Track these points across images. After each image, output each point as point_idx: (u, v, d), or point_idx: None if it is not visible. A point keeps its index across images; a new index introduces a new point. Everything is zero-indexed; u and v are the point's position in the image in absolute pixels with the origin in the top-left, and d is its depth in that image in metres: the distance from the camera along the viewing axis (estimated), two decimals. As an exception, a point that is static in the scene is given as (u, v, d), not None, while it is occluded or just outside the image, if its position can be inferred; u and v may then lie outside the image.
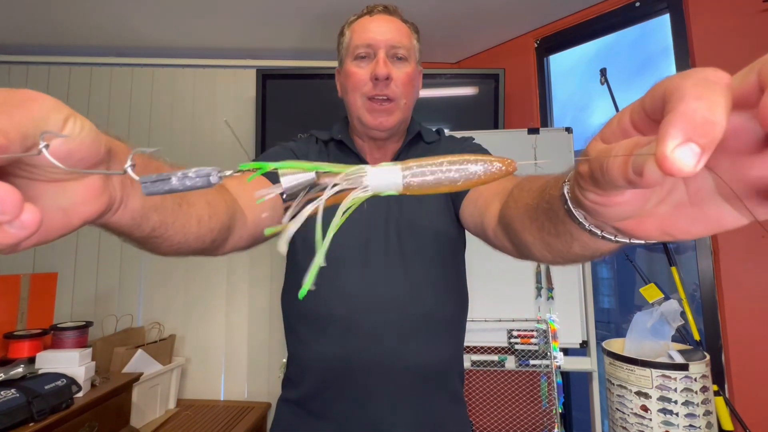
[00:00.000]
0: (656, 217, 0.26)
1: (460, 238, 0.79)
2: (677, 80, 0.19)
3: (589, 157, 0.25)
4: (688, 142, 0.17)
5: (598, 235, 0.30)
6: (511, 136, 1.83)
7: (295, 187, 0.26)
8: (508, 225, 0.47)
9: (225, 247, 0.53)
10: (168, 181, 0.24)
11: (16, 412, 1.07)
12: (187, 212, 0.40)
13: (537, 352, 1.61)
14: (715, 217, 0.24)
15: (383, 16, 0.78)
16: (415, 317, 0.72)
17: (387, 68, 0.73)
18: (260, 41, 2.14)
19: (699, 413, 1.20)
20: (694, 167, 0.17)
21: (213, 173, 0.24)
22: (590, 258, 0.37)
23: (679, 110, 0.18)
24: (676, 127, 0.17)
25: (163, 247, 0.40)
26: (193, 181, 0.24)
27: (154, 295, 2.11)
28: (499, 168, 0.26)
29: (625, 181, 0.21)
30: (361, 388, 0.70)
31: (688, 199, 0.25)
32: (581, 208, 0.29)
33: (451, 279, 0.77)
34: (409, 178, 0.26)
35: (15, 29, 1.99)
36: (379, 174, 0.26)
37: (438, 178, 0.26)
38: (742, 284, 1.48)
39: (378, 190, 0.26)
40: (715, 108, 0.17)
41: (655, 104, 0.21)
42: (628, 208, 0.25)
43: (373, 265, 0.73)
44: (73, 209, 0.26)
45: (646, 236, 0.27)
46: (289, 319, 0.78)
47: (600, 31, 1.90)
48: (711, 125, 0.17)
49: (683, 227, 0.25)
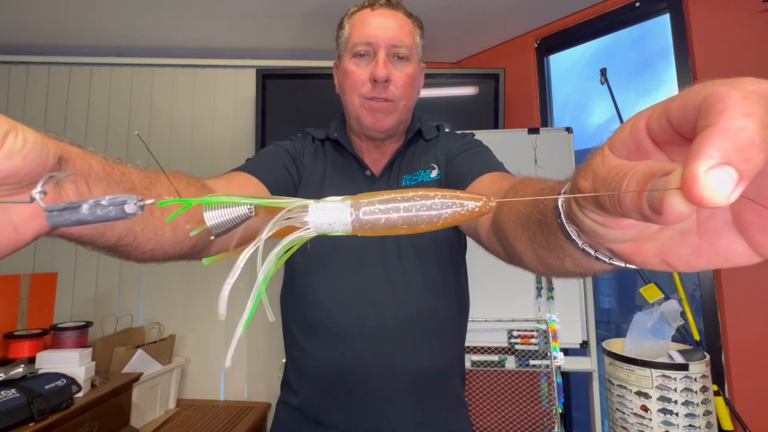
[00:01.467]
0: (657, 242, 0.23)
1: (459, 239, 0.78)
2: (722, 89, 0.15)
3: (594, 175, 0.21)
4: (725, 166, 0.14)
5: (592, 256, 0.27)
6: (511, 136, 1.83)
7: (223, 224, 0.23)
8: (501, 231, 0.44)
9: (210, 251, 0.51)
10: (77, 211, 0.22)
11: (16, 412, 1.07)
12: (160, 218, 0.38)
13: (537, 352, 1.61)
14: (723, 251, 0.21)
15: (386, 10, 0.73)
16: (414, 321, 0.70)
17: (387, 70, 0.70)
18: (260, 41, 2.14)
19: (699, 413, 1.20)
20: (728, 198, 0.14)
21: (129, 202, 0.22)
22: (583, 275, 0.34)
23: (721, 125, 0.14)
24: (713, 146, 0.14)
25: (135, 254, 0.39)
26: (105, 210, 0.21)
27: (154, 295, 2.11)
28: (471, 208, 0.22)
29: (640, 215, 0.18)
30: (361, 393, 0.69)
31: (696, 228, 0.22)
32: (576, 225, 0.26)
33: (450, 281, 0.76)
34: (360, 217, 0.22)
35: (15, 29, 1.99)
36: (323, 212, 0.22)
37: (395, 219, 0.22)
38: (742, 284, 1.48)
39: (323, 230, 0.22)
40: (765, 131, 0.14)
41: (687, 114, 0.17)
42: (630, 233, 0.23)
43: (370, 269, 0.72)
44: (22, 225, 0.25)
45: (642, 263, 0.24)
46: (287, 323, 0.77)
47: (600, 31, 1.90)
48: (757, 149, 0.14)
49: (684, 258, 0.22)
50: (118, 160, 0.35)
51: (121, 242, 0.35)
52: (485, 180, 0.64)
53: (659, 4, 1.71)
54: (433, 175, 0.76)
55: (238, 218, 0.23)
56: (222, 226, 0.23)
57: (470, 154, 0.73)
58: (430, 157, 0.78)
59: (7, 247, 0.25)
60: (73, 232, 0.31)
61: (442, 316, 0.73)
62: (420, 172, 0.77)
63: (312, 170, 0.78)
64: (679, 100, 0.18)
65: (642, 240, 0.23)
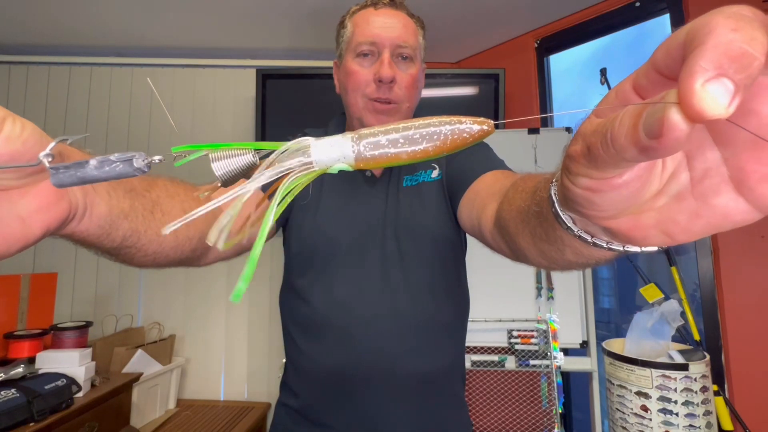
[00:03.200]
0: (653, 213, 0.22)
1: (459, 241, 0.77)
2: (705, 17, 0.16)
3: (583, 135, 0.21)
4: (720, 77, 0.14)
5: (589, 242, 0.27)
6: (511, 136, 1.83)
7: (231, 172, 0.23)
8: (504, 228, 0.44)
9: (208, 257, 0.51)
10: (83, 167, 0.21)
11: (16, 412, 1.07)
12: (160, 220, 0.38)
13: (537, 352, 1.61)
14: (722, 210, 0.20)
15: (389, 9, 0.72)
16: (415, 323, 0.70)
17: (392, 70, 0.69)
18: (260, 41, 2.14)
19: (699, 413, 1.20)
20: (727, 108, 0.14)
21: (138, 157, 0.21)
22: (585, 266, 0.34)
23: (711, 42, 0.14)
24: (706, 59, 0.14)
25: (138, 258, 0.39)
26: (112, 166, 0.21)
27: (154, 295, 2.11)
28: (470, 128, 0.21)
29: (637, 148, 0.17)
30: (361, 396, 0.68)
31: (691, 189, 0.21)
32: (570, 208, 0.26)
33: (451, 283, 0.75)
34: (361, 149, 0.22)
35: (15, 29, 1.99)
36: (325, 147, 0.22)
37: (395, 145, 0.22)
38: (742, 284, 1.48)
39: (325, 165, 0.23)
40: (755, 42, 0.14)
41: (673, 54, 0.17)
42: (623, 195, 0.22)
43: (370, 271, 0.71)
44: (30, 218, 0.25)
45: (642, 236, 0.23)
46: (286, 324, 0.77)
47: (600, 31, 1.90)
48: (749, 58, 0.14)
49: (683, 224, 0.21)
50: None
51: (126, 243, 0.36)
52: (488, 178, 0.63)
53: (659, 4, 1.71)
54: (434, 175, 0.76)
55: (244, 165, 0.23)
56: (229, 174, 0.23)
57: (471, 152, 0.73)
58: None
59: (16, 241, 0.25)
60: (80, 231, 0.30)
61: (443, 317, 0.73)
62: (421, 172, 0.77)
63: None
64: (662, 47, 0.18)
65: (638, 213, 0.23)
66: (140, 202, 0.36)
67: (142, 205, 0.36)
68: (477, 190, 0.63)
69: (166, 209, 0.39)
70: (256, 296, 2.13)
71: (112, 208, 0.32)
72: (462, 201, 0.67)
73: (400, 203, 0.74)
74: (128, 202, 0.35)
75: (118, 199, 0.33)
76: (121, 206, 0.34)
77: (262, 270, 2.14)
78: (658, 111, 0.16)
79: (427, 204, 0.74)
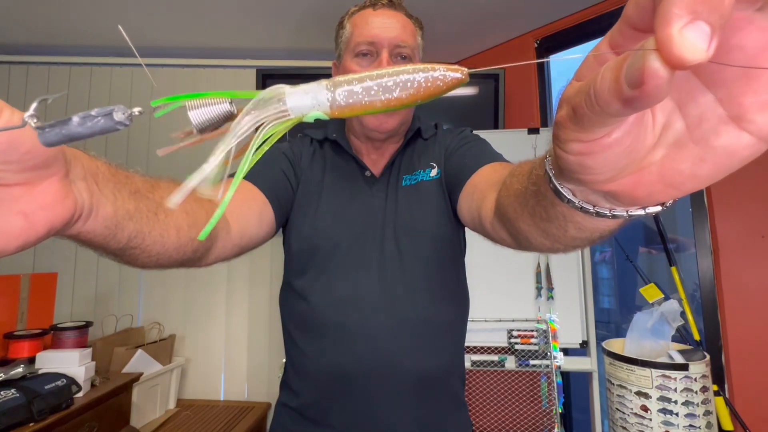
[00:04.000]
0: (654, 166, 0.22)
1: (459, 240, 0.77)
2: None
3: (567, 98, 0.21)
4: (695, 21, 0.14)
5: (591, 212, 0.26)
6: (511, 136, 1.83)
7: (207, 121, 0.23)
8: (503, 215, 0.44)
9: (208, 257, 0.52)
10: (67, 124, 0.21)
11: (16, 412, 1.07)
12: (164, 221, 0.39)
13: (537, 352, 1.61)
14: (727, 149, 0.20)
15: (387, 10, 0.73)
16: (414, 323, 0.70)
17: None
18: (260, 41, 2.14)
19: (699, 413, 1.20)
20: (707, 51, 0.14)
21: (117, 110, 0.21)
22: (590, 240, 0.33)
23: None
24: (678, 5, 0.14)
25: (142, 259, 0.39)
26: (94, 121, 0.21)
27: (154, 295, 2.11)
28: (443, 74, 0.21)
29: (621, 100, 0.17)
30: (360, 395, 0.68)
31: (689, 136, 0.21)
32: (566, 178, 0.26)
33: (450, 282, 0.75)
34: (336, 96, 0.22)
35: (15, 29, 1.99)
36: (300, 94, 0.22)
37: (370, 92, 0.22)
38: (742, 284, 1.48)
39: (301, 113, 0.23)
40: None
41: (644, 5, 0.17)
42: (617, 153, 0.21)
43: (370, 270, 0.71)
44: (34, 215, 0.25)
45: (647, 193, 0.22)
46: (286, 323, 0.77)
47: (600, 31, 1.90)
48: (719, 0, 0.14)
49: (689, 171, 0.21)
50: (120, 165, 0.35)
51: (131, 244, 0.36)
52: (485, 170, 0.63)
53: (659, 4, 1.71)
54: (433, 174, 0.76)
55: (220, 114, 0.23)
56: (205, 123, 0.23)
57: (468, 148, 0.73)
58: (428, 156, 0.78)
59: (18, 236, 0.25)
60: (86, 231, 0.30)
61: (442, 317, 0.73)
62: (419, 171, 0.77)
63: (310, 173, 0.78)
64: (632, 1, 0.18)
65: (638, 171, 0.22)
66: (144, 204, 0.36)
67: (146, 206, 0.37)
68: (475, 183, 0.63)
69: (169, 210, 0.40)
70: (256, 296, 2.13)
71: (117, 209, 0.32)
72: (461, 195, 0.67)
73: (399, 203, 0.74)
74: (133, 204, 0.35)
75: (123, 200, 0.33)
76: (127, 207, 0.34)
77: (262, 270, 2.14)
78: (637, 60, 0.15)
79: (426, 203, 0.74)
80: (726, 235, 1.51)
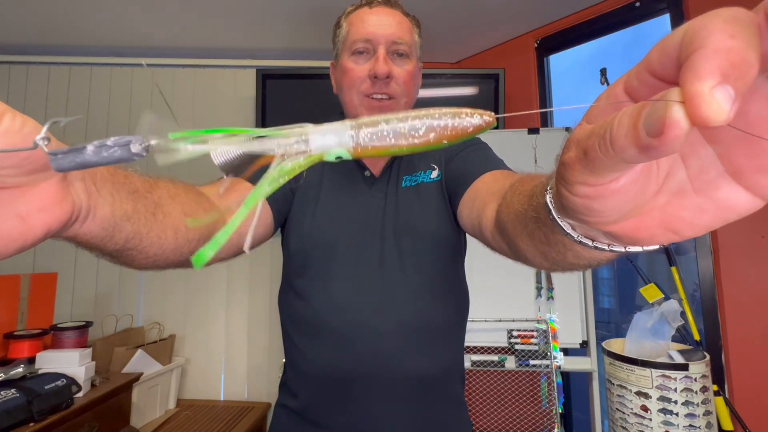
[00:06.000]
0: (656, 211, 0.22)
1: (459, 241, 0.77)
2: (702, 19, 0.16)
3: (577, 141, 0.21)
4: (724, 84, 0.14)
5: (590, 246, 0.27)
6: (511, 136, 1.83)
7: (231, 161, 0.23)
8: (503, 230, 0.44)
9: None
10: (81, 152, 0.21)
11: (16, 412, 1.07)
12: (162, 222, 0.38)
13: (537, 352, 1.61)
14: (725, 203, 0.20)
15: (383, 8, 0.73)
16: (414, 323, 0.70)
17: (388, 66, 0.69)
18: (260, 41, 2.14)
19: (699, 413, 1.20)
20: (729, 114, 0.14)
21: (135, 141, 0.21)
22: (588, 267, 0.33)
23: (711, 47, 0.15)
24: (712, 63, 0.14)
25: (139, 260, 0.38)
26: (110, 151, 0.21)
27: (154, 295, 2.11)
28: (470, 120, 0.21)
29: (638, 146, 0.17)
30: (360, 397, 0.68)
31: (690, 186, 0.21)
32: (568, 215, 0.25)
33: (450, 283, 0.75)
34: (360, 137, 0.22)
35: (15, 29, 1.99)
36: (324, 134, 0.22)
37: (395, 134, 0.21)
38: (742, 284, 1.48)
39: (322, 151, 0.22)
40: (751, 49, 0.15)
41: (669, 53, 0.17)
42: (623, 199, 0.21)
43: (369, 271, 0.71)
44: (31, 217, 0.25)
45: (648, 236, 0.23)
46: (285, 324, 0.77)
47: (600, 31, 1.90)
48: (748, 66, 0.14)
49: (689, 219, 0.21)
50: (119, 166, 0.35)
51: (128, 245, 0.35)
52: (487, 178, 0.63)
53: (659, 4, 1.71)
54: (434, 176, 0.76)
55: (243, 153, 0.23)
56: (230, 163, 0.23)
57: (470, 152, 0.73)
58: (429, 157, 0.78)
59: (15, 239, 0.24)
60: (83, 233, 0.30)
61: (442, 318, 0.73)
62: (420, 172, 0.77)
63: (309, 172, 0.77)
64: (657, 48, 0.18)
65: (641, 215, 0.23)
66: (143, 204, 0.36)
67: (145, 207, 0.36)
68: (477, 190, 0.63)
69: (167, 211, 0.39)
70: (256, 296, 2.13)
71: (115, 210, 0.32)
72: (462, 201, 0.67)
73: (399, 203, 0.74)
74: (131, 204, 0.34)
75: (121, 201, 0.33)
76: (124, 208, 0.33)
77: (262, 270, 2.14)
78: (659, 109, 0.16)
79: (426, 204, 0.74)
80: (726, 235, 1.51)
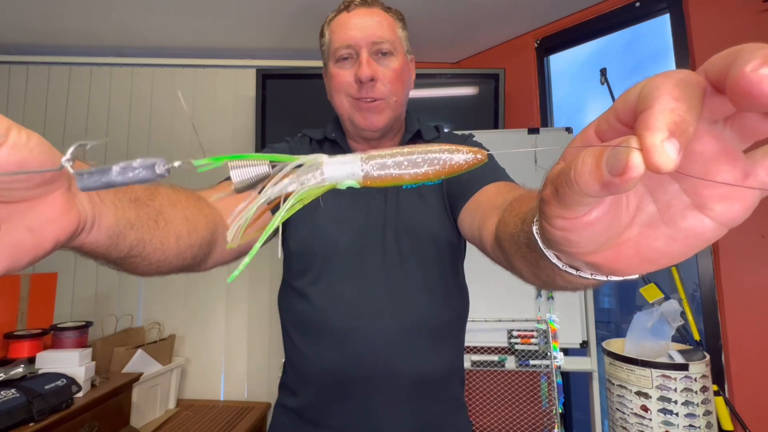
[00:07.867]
0: (631, 241, 0.25)
1: (459, 242, 0.77)
2: (656, 80, 0.19)
3: (551, 179, 0.24)
4: (671, 138, 0.17)
5: (574, 275, 0.29)
6: (511, 136, 1.83)
7: (246, 181, 0.25)
8: (501, 246, 0.45)
9: (207, 262, 0.52)
10: (107, 173, 0.22)
11: (16, 412, 1.07)
12: (164, 229, 0.39)
13: (537, 352, 1.61)
14: (693, 231, 0.23)
15: (361, 9, 0.72)
16: (414, 324, 0.70)
17: (371, 69, 0.69)
18: (260, 41, 2.14)
19: (699, 413, 1.20)
20: (676, 163, 0.17)
21: (159, 164, 0.22)
22: (575, 290, 0.35)
23: (659, 107, 0.18)
24: (662, 121, 0.18)
25: (142, 267, 0.39)
26: (135, 173, 0.22)
27: (154, 295, 2.11)
28: (465, 156, 0.24)
29: (600, 183, 0.19)
30: (360, 397, 0.68)
31: (660, 218, 0.24)
32: (551, 246, 0.28)
33: (450, 284, 0.75)
34: (369, 169, 0.24)
35: (15, 29, 1.99)
36: (337, 165, 0.25)
37: (400, 167, 0.24)
38: (742, 284, 1.48)
39: (335, 181, 0.25)
40: (691, 111, 0.18)
41: (630, 106, 0.20)
42: (597, 230, 0.23)
43: (370, 272, 0.71)
44: (40, 229, 0.25)
45: (626, 266, 0.25)
46: (285, 324, 0.77)
47: (600, 31, 1.90)
48: (687, 125, 0.18)
49: (662, 248, 0.24)
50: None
51: (132, 253, 0.36)
52: (490, 190, 0.63)
53: (659, 4, 1.71)
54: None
55: (259, 176, 0.25)
56: (245, 183, 0.25)
57: None
58: None
59: (28, 252, 0.25)
60: (89, 242, 0.30)
61: (442, 319, 0.73)
62: None
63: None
64: (621, 99, 0.21)
65: (618, 245, 0.25)
66: (145, 212, 0.37)
67: (147, 214, 0.37)
68: (479, 202, 0.63)
69: (168, 218, 0.40)
70: (256, 296, 2.13)
71: (119, 219, 0.33)
72: (463, 211, 0.67)
73: (400, 204, 0.74)
74: (134, 212, 0.35)
75: (124, 209, 0.34)
76: (128, 216, 0.34)
77: (262, 270, 2.14)
78: (621, 153, 0.18)
79: (427, 206, 0.74)
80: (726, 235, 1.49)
